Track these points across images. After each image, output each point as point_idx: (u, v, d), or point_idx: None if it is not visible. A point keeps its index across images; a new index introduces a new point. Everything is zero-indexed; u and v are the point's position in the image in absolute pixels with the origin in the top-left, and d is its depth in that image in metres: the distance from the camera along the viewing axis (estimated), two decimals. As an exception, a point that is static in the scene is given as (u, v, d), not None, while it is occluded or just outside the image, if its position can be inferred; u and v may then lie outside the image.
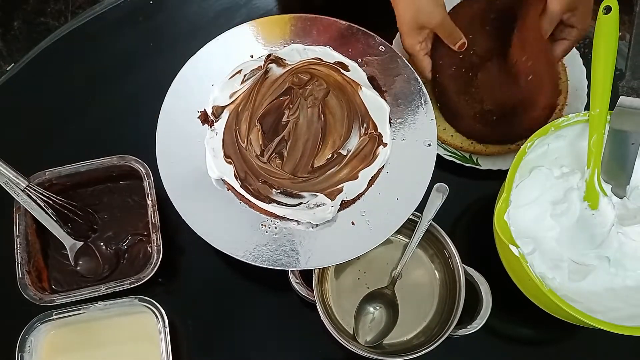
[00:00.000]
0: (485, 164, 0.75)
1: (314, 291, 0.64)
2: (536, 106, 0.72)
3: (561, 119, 0.66)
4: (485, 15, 0.75)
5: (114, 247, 0.71)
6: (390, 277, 0.69)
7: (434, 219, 0.67)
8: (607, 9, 0.64)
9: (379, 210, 0.66)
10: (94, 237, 0.72)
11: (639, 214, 0.65)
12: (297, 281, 0.66)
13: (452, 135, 0.77)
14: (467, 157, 0.76)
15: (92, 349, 0.67)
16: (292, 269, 0.64)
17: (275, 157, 0.66)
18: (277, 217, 0.65)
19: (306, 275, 0.65)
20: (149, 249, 0.70)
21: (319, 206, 0.64)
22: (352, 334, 0.66)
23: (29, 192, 0.67)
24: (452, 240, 0.67)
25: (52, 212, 0.69)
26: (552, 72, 0.73)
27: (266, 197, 0.65)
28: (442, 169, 0.72)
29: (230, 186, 0.66)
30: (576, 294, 0.62)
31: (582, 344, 0.71)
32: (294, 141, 0.67)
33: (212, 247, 0.64)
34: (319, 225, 0.65)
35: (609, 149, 0.64)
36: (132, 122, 0.79)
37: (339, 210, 0.65)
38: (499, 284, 0.66)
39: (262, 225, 0.65)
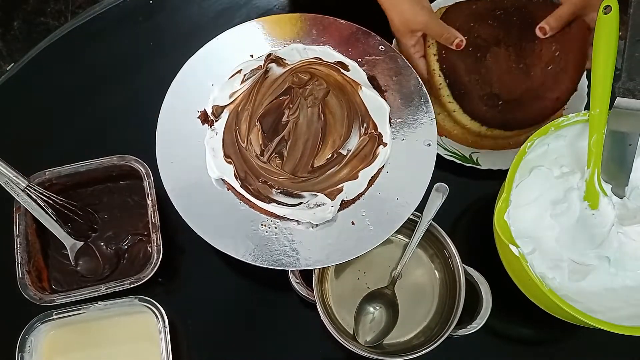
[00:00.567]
0: (485, 164, 0.75)
1: (314, 291, 0.64)
2: (548, 97, 0.72)
3: (561, 119, 0.66)
4: (489, 12, 0.75)
5: (114, 247, 0.71)
6: (390, 277, 0.69)
7: (434, 219, 0.67)
8: (607, 9, 0.64)
9: (379, 210, 0.66)
10: (94, 237, 0.72)
11: (639, 213, 0.65)
12: (297, 281, 0.66)
13: (455, 123, 0.76)
14: (467, 157, 0.76)
15: (92, 349, 0.67)
16: (292, 269, 0.64)
17: (275, 156, 0.66)
18: (277, 217, 0.65)
19: (306, 275, 0.65)
20: (149, 249, 0.70)
21: (319, 206, 0.64)
22: (352, 334, 0.66)
23: (29, 192, 0.67)
24: (452, 240, 0.67)
25: (52, 212, 0.69)
26: (580, 66, 0.72)
27: (266, 197, 0.65)
28: (442, 169, 0.72)
29: (230, 186, 0.66)
30: (576, 294, 0.62)
31: (582, 344, 0.71)
32: (294, 141, 0.67)
33: (212, 247, 0.64)
34: (319, 225, 0.65)
35: (607, 149, 0.64)
36: (132, 122, 0.79)
37: (339, 210, 0.65)
38: (499, 284, 0.66)
39: (262, 225, 0.65)
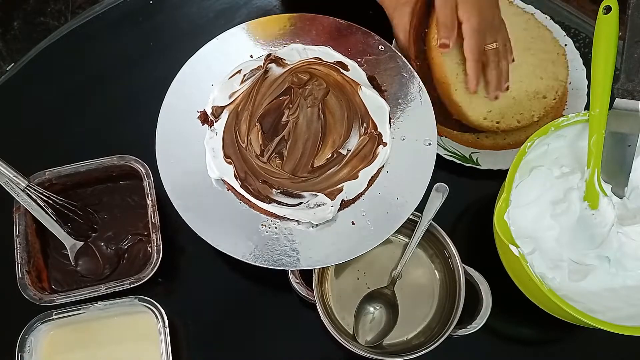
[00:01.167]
0: (485, 164, 0.75)
1: (314, 291, 0.64)
2: None
3: (561, 119, 0.66)
4: None
5: (114, 247, 0.71)
6: (390, 277, 0.69)
7: (434, 219, 0.67)
8: (607, 9, 0.64)
9: (379, 209, 0.66)
10: (94, 237, 0.72)
11: (639, 213, 0.65)
12: (297, 281, 0.66)
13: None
14: (467, 157, 0.76)
15: (92, 349, 0.67)
16: (292, 269, 0.64)
17: (275, 157, 0.66)
18: (277, 217, 0.65)
19: (306, 275, 0.65)
20: (149, 249, 0.70)
21: (319, 206, 0.64)
22: (352, 334, 0.66)
23: (29, 192, 0.67)
24: (452, 240, 0.67)
25: (52, 212, 0.69)
26: None
27: (266, 197, 0.65)
28: (442, 169, 0.72)
29: (230, 186, 0.66)
30: (576, 294, 0.62)
31: (582, 344, 0.71)
32: (293, 141, 0.67)
33: (212, 247, 0.64)
34: (319, 225, 0.65)
35: (607, 150, 0.65)
36: (132, 122, 0.79)
37: (339, 210, 0.65)
38: (499, 284, 0.66)
39: (262, 225, 0.65)
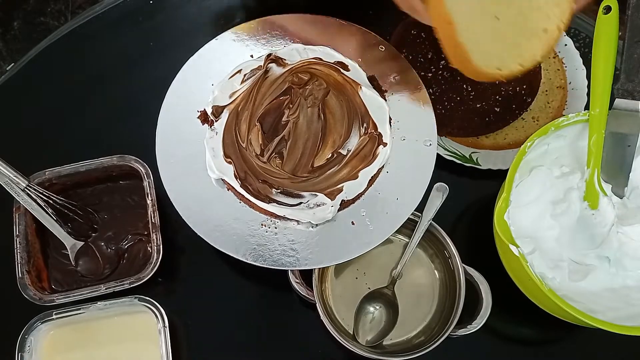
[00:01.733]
0: (485, 164, 0.75)
1: (314, 291, 0.64)
2: None
3: (561, 119, 0.66)
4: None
5: (114, 247, 0.71)
6: (390, 277, 0.69)
7: (433, 219, 0.67)
8: (607, 9, 0.64)
9: (379, 210, 0.66)
10: (94, 237, 0.72)
11: (638, 213, 0.65)
12: (297, 281, 0.66)
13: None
14: (467, 157, 0.76)
15: (92, 349, 0.67)
16: (292, 269, 0.64)
17: (275, 156, 0.66)
18: (277, 217, 0.65)
19: (306, 275, 0.65)
20: (149, 249, 0.70)
21: (319, 206, 0.64)
22: (352, 334, 0.66)
23: (29, 192, 0.67)
24: (452, 240, 0.67)
25: (52, 212, 0.69)
26: None
27: (266, 196, 0.65)
28: (442, 169, 0.72)
29: (230, 186, 0.66)
30: (576, 294, 0.62)
31: (582, 344, 0.71)
32: (293, 141, 0.67)
33: (212, 247, 0.64)
34: (319, 225, 0.65)
35: (607, 151, 0.65)
36: (132, 122, 0.79)
37: (339, 210, 0.65)
38: (499, 284, 0.66)
39: (262, 225, 0.65)
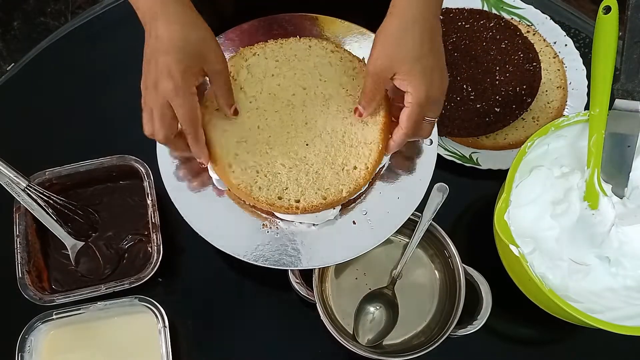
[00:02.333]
0: (485, 164, 0.75)
1: (314, 291, 0.64)
2: None
3: (561, 119, 0.66)
4: None
5: (114, 247, 0.71)
6: (390, 277, 0.69)
7: (433, 219, 0.67)
8: (607, 9, 0.64)
9: (380, 209, 0.65)
10: (94, 237, 0.72)
11: (638, 213, 0.65)
12: (297, 281, 0.65)
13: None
14: (467, 157, 0.76)
15: (92, 349, 0.67)
16: (294, 269, 0.64)
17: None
18: (278, 218, 0.65)
19: (306, 275, 0.65)
20: (149, 249, 0.70)
21: (321, 207, 0.64)
22: (352, 334, 0.66)
23: (29, 192, 0.67)
24: (452, 240, 0.67)
25: (52, 212, 0.69)
26: None
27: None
28: (442, 169, 0.72)
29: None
30: (576, 294, 0.62)
31: (582, 344, 0.71)
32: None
33: (212, 247, 0.63)
34: (320, 224, 0.65)
35: (606, 151, 0.65)
36: (132, 122, 0.78)
37: (340, 210, 0.65)
38: (499, 284, 0.66)
39: (264, 225, 0.65)
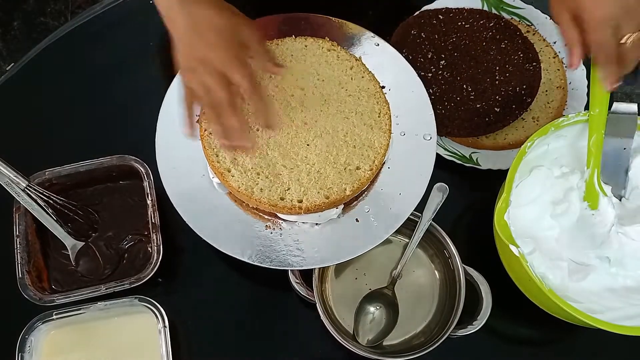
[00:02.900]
0: (485, 164, 0.75)
1: (314, 291, 0.64)
2: None
3: (561, 119, 0.66)
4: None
5: (114, 247, 0.71)
6: (390, 277, 0.69)
7: (433, 219, 0.67)
8: None
9: (383, 206, 0.66)
10: (94, 237, 0.72)
11: (638, 213, 0.65)
12: (297, 281, 0.65)
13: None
14: (467, 157, 0.76)
15: (92, 349, 0.67)
16: (300, 269, 0.64)
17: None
18: (281, 218, 0.65)
19: (306, 275, 0.65)
20: (149, 249, 0.70)
21: (323, 207, 0.64)
22: (352, 334, 0.66)
23: (29, 192, 0.67)
24: (452, 240, 0.67)
25: (52, 212, 0.69)
26: None
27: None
28: (442, 169, 0.72)
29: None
30: (576, 294, 0.62)
31: (582, 344, 0.71)
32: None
33: (212, 247, 0.64)
34: (323, 223, 0.65)
35: (604, 154, 0.65)
36: (132, 122, 0.79)
37: (343, 209, 0.65)
38: (499, 284, 0.66)
39: (267, 227, 0.65)
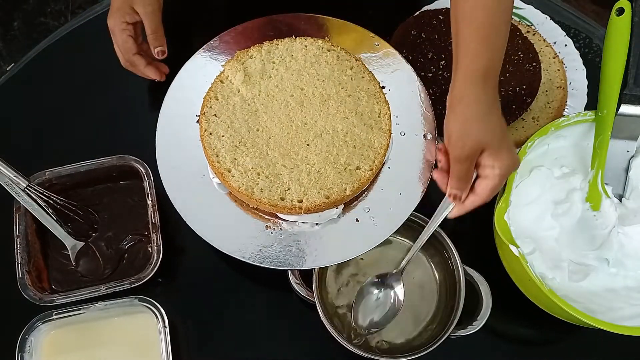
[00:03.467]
0: (485, 164, 0.75)
1: (314, 291, 0.64)
2: None
3: (561, 119, 0.66)
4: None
5: (114, 247, 0.71)
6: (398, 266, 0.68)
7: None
8: (620, 11, 0.63)
9: (383, 206, 0.66)
10: (94, 237, 0.72)
11: (639, 213, 0.65)
12: (297, 281, 0.65)
13: None
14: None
15: (92, 349, 0.67)
16: (299, 269, 0.64)
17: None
18: (281, 219, 0.65)
19: (306, 275, 0.65)
20: (149, 249, 0.70)
21: (323, 207, 0.64)
22: (349, 320, 0.66)
23: (29, 192, 0.67)
24: (452, 240, 0.67)
25: (52, 212, 0.69)
26: None
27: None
28: (442, 169, 0.72)
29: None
30: (576, 294, 0.62)
31: (582, 344, 0.71)
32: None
33: (211, 247, 0.64)
34: (323, 223, 0.65)
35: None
36: (132, 122, 0.79)
37: (343, 209, 0.65)
38: (499, 284, 0.66)
39: (267, 227, 0.65)
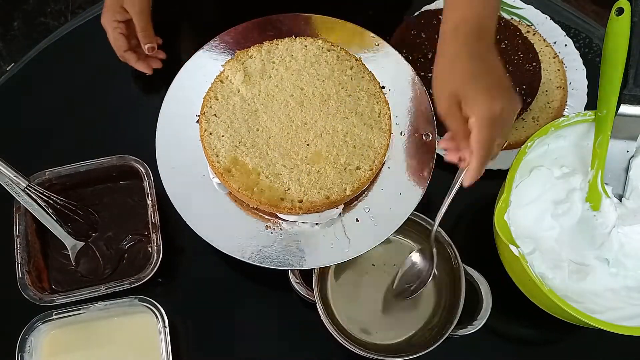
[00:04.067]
0: (485, 164, 0.75)
1: (314, 291, 0.64)
2: None
3: (561, 119, 0.66)
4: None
5: (114, 247, 0.71)
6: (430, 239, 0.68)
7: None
8: (620, 11, 0.62)
9: (383, 205, 0.66)
10: (94, 237, 0.72)
11: (639, 213, 0.65)
12: (297, 281, 0.65)
13: None
14: (467, 157, 0.76)
15: (92, 349, 0.67)
16: (299, 269, 0.64)
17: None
18: (281, 219, 0.65)
19: (306, 275, 0.65)
20: (149, 249, 0.70)
21: (323, 208, 0.64)
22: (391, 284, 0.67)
23: (29, 192, 0.67)
24: (452, 240, 0.67)
25: (52, 212, 0.69)
26: None
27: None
28: (442, 169, 0.72)
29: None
30: (576, 294, 0.62)
31: (582, 344, 0.71)
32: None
33: (211, 247, 0.64)
34: (323, 223, 0.65)
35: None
36: (132, 122, 0.79)
37: (343, 209, 0.65)
38: (499, 284, 0.66)
39: (267, 227, 0.65)
